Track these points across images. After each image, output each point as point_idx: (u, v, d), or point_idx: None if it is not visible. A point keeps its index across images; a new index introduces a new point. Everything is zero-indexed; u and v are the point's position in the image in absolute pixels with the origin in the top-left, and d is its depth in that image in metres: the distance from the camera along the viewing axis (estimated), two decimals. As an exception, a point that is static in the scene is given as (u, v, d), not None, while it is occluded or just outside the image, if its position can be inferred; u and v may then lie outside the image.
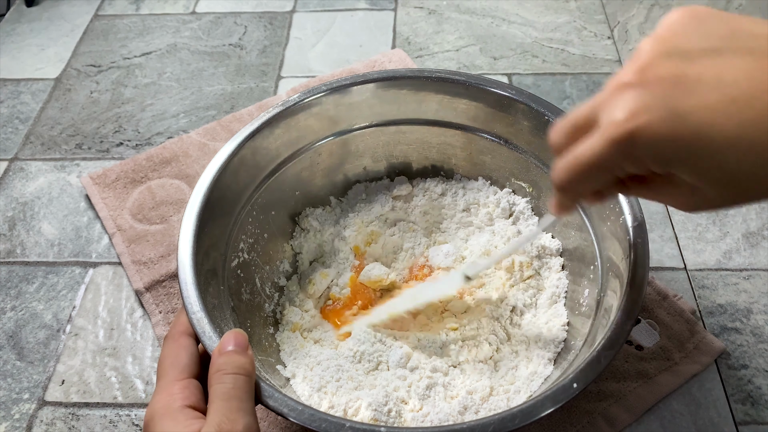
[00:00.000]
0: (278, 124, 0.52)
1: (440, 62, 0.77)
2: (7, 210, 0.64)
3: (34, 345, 0.54)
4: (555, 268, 0.52)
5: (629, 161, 0.30)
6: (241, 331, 0.38)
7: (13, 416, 0.49)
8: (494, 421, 0.35)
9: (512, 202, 0.56)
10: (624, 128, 0.28)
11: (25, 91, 0.76)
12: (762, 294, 0.54)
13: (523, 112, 0.52)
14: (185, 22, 0.85)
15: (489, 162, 0.57)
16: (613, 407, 0.47)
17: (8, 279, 0.58)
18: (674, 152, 0.28)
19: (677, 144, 0.28)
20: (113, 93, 0.76)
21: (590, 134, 0.31)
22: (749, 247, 0.58)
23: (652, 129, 0.28)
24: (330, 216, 0.58)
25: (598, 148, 0.30)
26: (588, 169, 0.31)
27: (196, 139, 0.68)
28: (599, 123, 0.30)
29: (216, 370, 0.36)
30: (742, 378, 0.50)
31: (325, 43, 0.81)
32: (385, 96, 0.55)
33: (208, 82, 0.76)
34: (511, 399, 0.45)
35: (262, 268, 0.53)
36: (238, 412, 0.34)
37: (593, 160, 0.30)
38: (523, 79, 0.75)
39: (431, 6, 0.86)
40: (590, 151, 0.30)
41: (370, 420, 0.42)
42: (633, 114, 0.28)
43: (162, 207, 0.62)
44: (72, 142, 0.70)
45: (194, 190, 0.46)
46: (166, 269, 0.57)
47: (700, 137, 0.27)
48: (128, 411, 0.49)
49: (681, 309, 0.52)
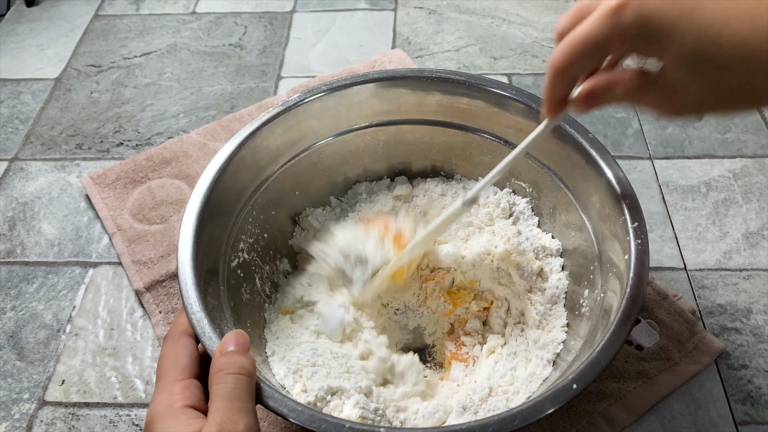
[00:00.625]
0: (278, 124, 0.52)
1: (440, 62, 0.77)
2: (7, 210, 0.64)
3: (34, 345, 0.54)
4: (555, 268, 0.52)
5: (619, 35, 0.31)
6: (242, 332, 0.38)
7: (13, 416, 0.49)
8: (494, 422, 0.35)
9: (512, 202, 0.56)
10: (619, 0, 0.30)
11: (25, 91, 0.76)
12: (762, 294, 0.54)
13: (523, 112, 0.52)
14: (185, 22, 0.85)
15: (489, 162, 0.57)
16: (613, 407, 0.47)
17: (8, 279, 0.58)
18: (661, 28, 0.29)
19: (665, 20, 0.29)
20: (113, 93, 0.76)
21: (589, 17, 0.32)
22: (749, 247, 0.58)
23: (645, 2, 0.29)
24: (330, 216, 0.58)
25: (594, 22, 0.32)
26: (583, 44, 0.32)
27: (196, 139, 0.68)
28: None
29: (217, 370, 0.36)
30: (742, 378, 0.50)
31: (325, 43, 0.81)
32: (385, 96, 0.55)
33: (208, 82, 0.76)
34: (510, 400, 0.45)
35: (262, 268, 0.53)
36: (240, 412, 0.34)
37: (588, 35, 0.32)
38: (523, 79, 0.75)
39: (431, 6, 0.86)
40: (586, 26, 0.32)
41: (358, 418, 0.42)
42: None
43: (162, 207, 0.62)
44: (72, 142, 0.70)
45: (194, 190, 0.46)
46: (166, 269, 0.57)
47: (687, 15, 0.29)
48: (128, 411, 0.49)
49: (681, 309, 0.52)
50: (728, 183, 0.63)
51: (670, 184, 0.63)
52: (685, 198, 0.62)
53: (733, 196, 0.62)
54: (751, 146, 0.66)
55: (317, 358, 0.46)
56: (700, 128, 0.68)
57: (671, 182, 0.63)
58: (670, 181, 0.63)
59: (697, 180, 0.63)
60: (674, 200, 0.62)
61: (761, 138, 0.67)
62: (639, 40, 0.31)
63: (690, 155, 0.66)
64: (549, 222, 0.54)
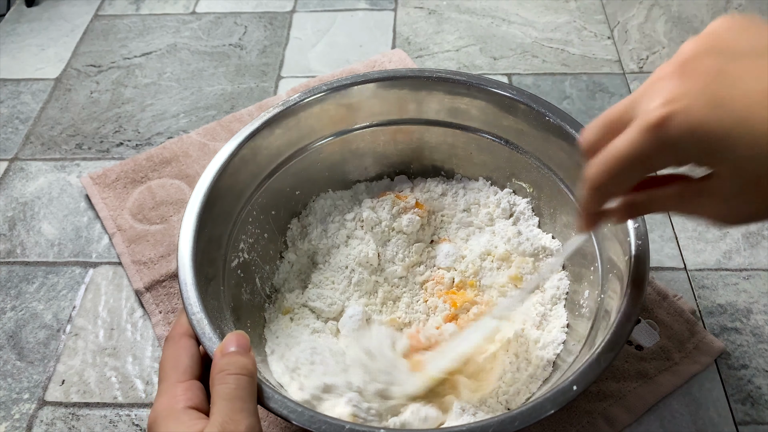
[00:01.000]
0: (278, 124, 0.52)
1: (440, 62, 0.77)
2: (7, 210, 0.64)
3: (34, 345, 0.54)
4: (555, 268, 0.52)
5: (666, 150, 0.28)
6: (243, 333, 0.38)
7: (13, 416, 0.49)
8: (494, 423, 0.35)
9: (513, 202, 0.56)
10: (661, 113, 0.28)
11: (25, 91, 0.76)
12: (762, 294, 0.54)
13: (523, 112, 0.52)
14: (185, 22, 0.85)
15: (489, 162, 0.57)
16: (613, 407, 0.47)
17: (8, 279, 0.58)
18: (713, 140, 0.27)
19: (716, 131, 0.27)
20: (113, 93, 0.76)
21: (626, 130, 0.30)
22: (749, 247, 0.58)
23: (691, 113, 0.27)
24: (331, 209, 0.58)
25: (635, 137, 0.29)
26: (624, 161, 0.30)
27: (196, 139, 0.68)
28: (636, 116, 0.29)
29: (219, 370, 0.36)
30: (742, 378, 0.50)
31: (325, 43, 0.81)
32: (386, 96, 0.55)
33: (208, 82, 0.76)
34: (510, 401, 0.45)
35: (262, 268, 0.53)
36: (241, 412, 0.34)
37: (629, 151, 0.29)
38: (523, 79, 0.75)
39: (431, 6, 0.86)
40: (626, 142, 0.29)
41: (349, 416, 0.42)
42: (671, 99, 0.28)
43: (162, 207, 0.62)
44: (72, 142, 0.70)
45: (194, 190, 0.46)
46: (166, 269, 0.57)
47: (739, 124, 0.26)
48: (128, 411, 0.49)
49: (681, 309, 0.52)
50: (728, 183, 0.63)
51: (670, 184, 0.63)
52: (685, 198, 0.62)
53: (733, 196, 0.62)
54: (751, 146, 0.66)
55: (315, 357, 0.46)
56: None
57: (671, 182, 0.63)
58: (670, 181, 0.63)
59: (697, 180, 0.63)
60: (674, 200, 0.62)
61: (761, 138, 0.67)
62: (690, 155, 0.28)
63: (690, 155, 0.66)
64: (549, 222, 0.54)
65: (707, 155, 0.28)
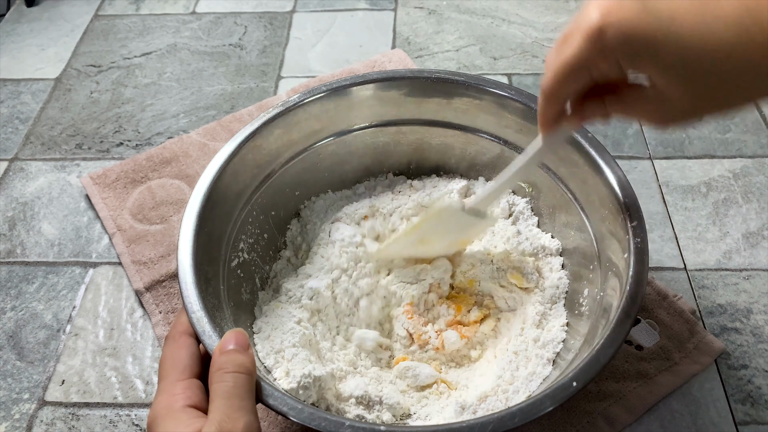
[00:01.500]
0: (278, 124, 0.52)
1: (440, 62, 0.77)
2: (7, 210, 0.64)
3: (34, 345, 0.54)
4: (555, 267, 0.52)
5: (602, 56, 0.32)
6: (242, 331, 0.38)
7: (13, 416, 0.49)
8: (493, 420, 0.35)
9: (512, 202, 0.56)
10: (596, 22, 0.31)
11: (25, 91, 0.76)
12: (762, 294, 0.54)
13: (522, 112, 0.52)
14: (185, 22, 0.85)
15: (489, 162, 0.57)
16: (613, 407, 0.47)
17: (8, 279, 0.58)
18: (642, 43, 0.30)
19: (645, 35, 0.30)
20: (113, 93, 0.76)
21: (570, 40, 0.33)
22: (749, 247, 0.58)
23: (622, 20, 0.30)
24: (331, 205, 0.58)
25: (575, 45, 0.32)
26: (568, 67, 0.34)
27: (196, 139, 0.68)
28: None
29: (217, 368, 0.36)
30: (742, 378, 0.50)
31: (325, 43, 0.81)
32: (385, 96, 0.55)
33: (208, 82, 0.76)
34: (510, 399, 0.45)
35: (262, 268, 0.53)
36: (239, 410, 0.34)
37: (571, 58, 0.33)
38: (522, 79, 0.75)
39: (431, 6, 0.86)
40: (569, 49, 0.33)
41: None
42: (605, 10, 0.31)
43: (162, 207, 0.62)
44: (72, 142, 0.70)
45: (194, 190, 0.47)
46: (166, 269, 0.57)
47: (666, 28, 0.29)
48: (128, 411, 0.49)
49: (681, 309, 0.52)
50: (728, 183, 0.63)
51: (670, 184, 0.63)
52: (685, 198, 0.62)
53: (733, 196, 0.62)
54: (751, 146, 0.66)
55: (301, 339, 0.46)
56: (700, 128, 0.68)
57: (671, 182, 0.63)
58: (670, 181, 0.63)
59: (697, 180, 0.63)
60: (674, 200, 0.62)
61: (761, 138, 0.67)
62: (623, 58, 0.31)
63: (690, 155, 0.66)
64: (548, 222, 0.54)
65: (639, 59, 0.31)
